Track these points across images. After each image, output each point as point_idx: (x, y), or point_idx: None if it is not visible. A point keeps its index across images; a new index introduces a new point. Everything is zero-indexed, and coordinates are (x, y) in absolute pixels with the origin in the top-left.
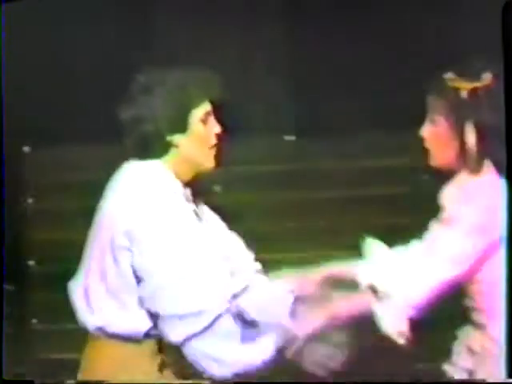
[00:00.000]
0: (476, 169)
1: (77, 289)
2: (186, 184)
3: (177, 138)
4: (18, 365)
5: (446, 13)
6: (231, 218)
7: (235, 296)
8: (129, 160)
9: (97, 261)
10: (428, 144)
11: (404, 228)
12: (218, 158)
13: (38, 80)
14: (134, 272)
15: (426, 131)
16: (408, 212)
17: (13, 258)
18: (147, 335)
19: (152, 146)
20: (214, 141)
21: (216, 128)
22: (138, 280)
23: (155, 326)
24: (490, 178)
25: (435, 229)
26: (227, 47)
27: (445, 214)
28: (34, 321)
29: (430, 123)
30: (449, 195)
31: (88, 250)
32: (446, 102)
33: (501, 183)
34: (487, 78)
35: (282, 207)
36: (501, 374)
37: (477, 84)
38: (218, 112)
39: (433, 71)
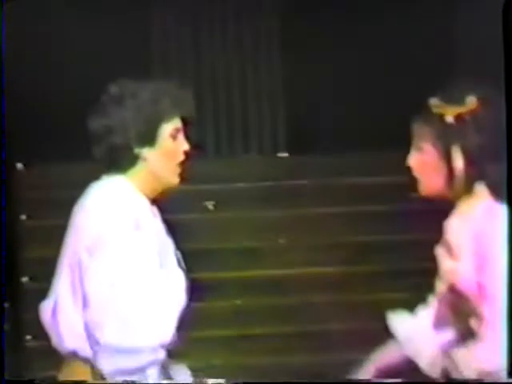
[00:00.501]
0: (466, 194)
1: (46, 309)
2: (153, 201)
3: (145, 152)
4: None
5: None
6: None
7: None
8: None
9: (65, 277)
10: (416, 173)
11: (390, 242)
12: (183, 175)
13: (31, 98)
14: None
15: (413, 160)
16: (394, 229)
17: (6, 275)
18: None
19: (120, 157)
20: (181, 157)
21: (185, 145)
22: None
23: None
24: (486, 204)
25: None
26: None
27: (454, 249)
28: (29, 337)
29: (417, 151)
30: (453, 228)
31: (59, 268)
32: (431, 129)
33: (497, 207)
34: (472, 101)
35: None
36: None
37: (462, 109)
38: (188, 129)
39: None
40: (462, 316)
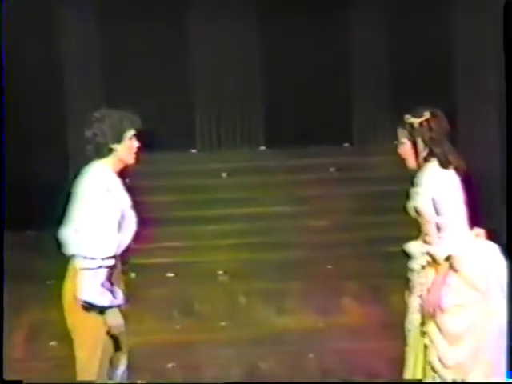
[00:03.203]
0: (425, 164)
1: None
2: (119, 174)
3: (115, 146)
4: None
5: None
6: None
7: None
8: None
9: None
10: (403, 156)
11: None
12: (137, 159)
13: None
14: None
15: (400, 149)
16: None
17: None
18: None
19: (102, 150)
20: (135, 150)
21: (136, 143)
22: None
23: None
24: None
25: None
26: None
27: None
28: None
29: (401, 144)
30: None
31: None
32: (406, 131)
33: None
34: (426, 115)
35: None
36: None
37: (420, 119)
38: (140, 136)
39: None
40: None
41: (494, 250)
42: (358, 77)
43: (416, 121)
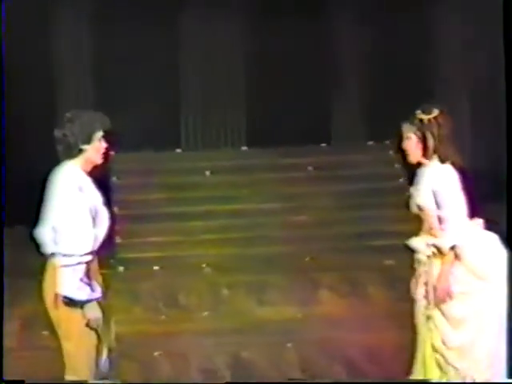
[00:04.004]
0: (431, 159)
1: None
2: (89, 173)
3: (85, 147)
4: None
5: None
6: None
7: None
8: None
9: None
10: (407, 151)
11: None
12: (105, 159)
13: None
14: None
15: (405, 144)
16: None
17: None
18: None
19: (72, 150)
20: (103, 150)
21: (104, 144)
22: None
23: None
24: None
25: None
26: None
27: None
28: None
29: (406, 139)
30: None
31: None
32: (415, 127)
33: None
34: (436, 112)
35: None
36: None
37: (430, 116)
38: (108, 136)
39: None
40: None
41: (493, 239)
42: (334, 80)
43: (426, 117)
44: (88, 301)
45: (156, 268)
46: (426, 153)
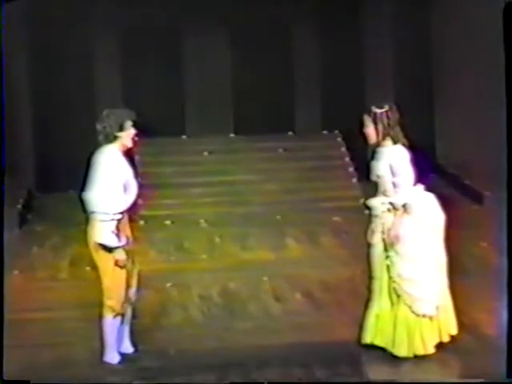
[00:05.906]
0: (384, 141)
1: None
2: (125, 153)
3: (119, 134)
4: None
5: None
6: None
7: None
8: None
9: None
10: (366, 135)
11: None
12: (134, 143)
13: None
14: None
15: (365, 129)
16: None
17: None
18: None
19: (109, 138)
20: (132, 135)
21: (133, 131)
22: None
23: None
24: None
25: None
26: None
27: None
28: None
29: (366, 127)
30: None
31: None
32: (371, 117)
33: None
34: (387, 106)
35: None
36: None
37: (382, 110)
38: (136, 126)
39: None
40: None
41: (431, 198)
42: (298, 83)
43: (378, 111)
44: (117, 247)
45: (167, 222)
46: (379, 137)
